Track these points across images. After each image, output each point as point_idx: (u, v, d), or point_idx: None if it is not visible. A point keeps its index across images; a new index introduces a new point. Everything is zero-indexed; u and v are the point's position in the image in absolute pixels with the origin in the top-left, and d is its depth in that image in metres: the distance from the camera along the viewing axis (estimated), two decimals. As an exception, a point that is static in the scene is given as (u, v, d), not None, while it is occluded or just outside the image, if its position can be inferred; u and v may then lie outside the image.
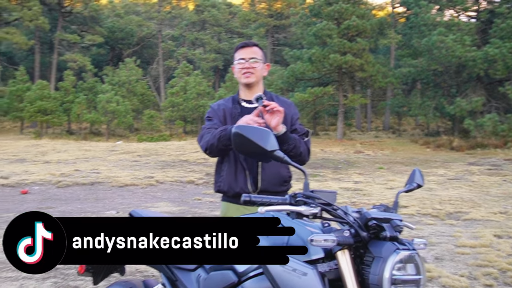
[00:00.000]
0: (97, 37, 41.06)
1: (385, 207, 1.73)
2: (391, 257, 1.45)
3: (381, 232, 1.53)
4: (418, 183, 1.97)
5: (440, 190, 11.22)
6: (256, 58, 2.58)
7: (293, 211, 1.63)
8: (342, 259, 1.53)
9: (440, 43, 21.76)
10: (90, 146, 24.76)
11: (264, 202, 1.67)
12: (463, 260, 4.98)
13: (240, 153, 1.87)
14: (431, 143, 24.55)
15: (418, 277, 1.49)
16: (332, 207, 1.63)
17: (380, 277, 1.44)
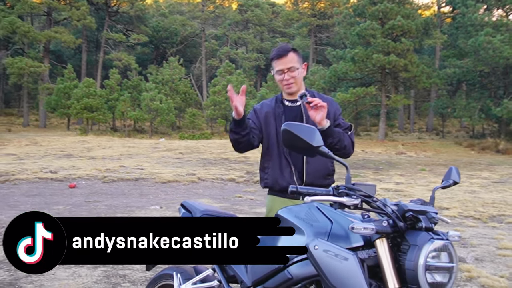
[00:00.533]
0: (142, 36, 42.13)
1: (422, 201, 1.81)
2: (426, 245, 1.57)
3: (417, 223, 1.64)
4: (454, 180, 2.06)
5: (483, 193, 11.01)
6: (293, 67, 2.69)
7: (335, 201, 1.76)
8: (381, 246, 1.65)
9: (487, 43, 21.19)
10: (133, 143, 25.47)
11: (310, 193, 1.81)
12: (504, 262, 4.96)
13: (288, 148, 2.00)
14: (476, 146, 23.92)
15: (451, 265, 1.60)
16: (372, 198, 1.76)
17: (416, 263, 1.56)
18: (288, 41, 49.40)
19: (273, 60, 2.76)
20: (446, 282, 1.59)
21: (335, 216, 1.80)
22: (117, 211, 8.11)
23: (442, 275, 1.59)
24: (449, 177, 2.06)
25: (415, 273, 1.56)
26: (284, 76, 2.69)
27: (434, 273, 1.58)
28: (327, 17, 44.23)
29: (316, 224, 1.82)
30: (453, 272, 1.61)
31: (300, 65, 2.74)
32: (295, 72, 2.69)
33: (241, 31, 48.00)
